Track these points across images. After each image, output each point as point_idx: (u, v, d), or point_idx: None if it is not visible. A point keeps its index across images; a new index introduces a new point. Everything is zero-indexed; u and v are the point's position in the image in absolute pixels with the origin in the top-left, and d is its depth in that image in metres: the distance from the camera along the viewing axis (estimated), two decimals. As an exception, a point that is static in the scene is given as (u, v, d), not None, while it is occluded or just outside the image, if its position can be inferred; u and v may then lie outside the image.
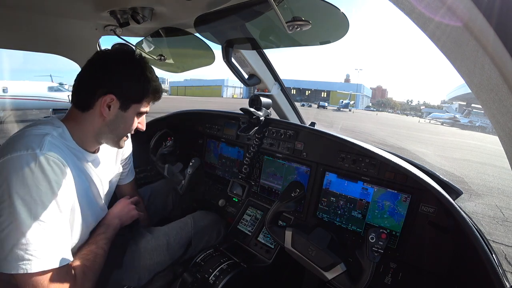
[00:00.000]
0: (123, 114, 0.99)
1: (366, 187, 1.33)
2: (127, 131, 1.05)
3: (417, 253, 1.19)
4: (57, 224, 0.80)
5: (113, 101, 0.94)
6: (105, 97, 0.93)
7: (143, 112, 1.05)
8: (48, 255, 0.77)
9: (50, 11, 1.16)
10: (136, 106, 1.00)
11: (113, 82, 0.94)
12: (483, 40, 0.41)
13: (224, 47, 1.31)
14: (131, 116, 1.01)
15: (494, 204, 5.43)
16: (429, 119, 49.83)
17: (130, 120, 1.02)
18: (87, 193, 1.00)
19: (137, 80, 0.98)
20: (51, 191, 0.79)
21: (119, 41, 1.44)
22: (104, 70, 0.94)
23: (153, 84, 1.01)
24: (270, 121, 1.66)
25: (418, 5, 0.45)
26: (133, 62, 0.98)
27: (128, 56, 0.99)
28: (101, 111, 0.94)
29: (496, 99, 0.47)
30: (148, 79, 1.00)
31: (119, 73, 0.95)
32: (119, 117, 0.98)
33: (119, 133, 1.03)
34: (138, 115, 1.04)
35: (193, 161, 1.60)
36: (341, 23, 0.92)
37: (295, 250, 1.12)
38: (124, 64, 0.97)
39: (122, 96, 0.95)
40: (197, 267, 1.32)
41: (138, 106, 1.01)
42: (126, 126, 1.03)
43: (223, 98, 67.93)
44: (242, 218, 1.70)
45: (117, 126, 1.00)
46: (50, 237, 0.78)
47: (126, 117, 1.00)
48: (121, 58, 0.98)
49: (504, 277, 0.80)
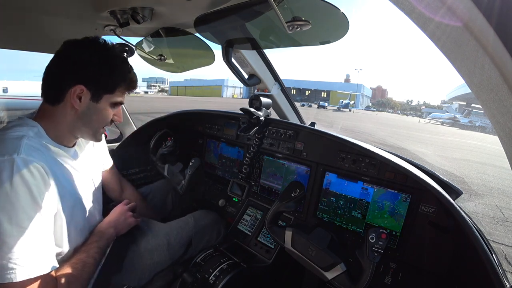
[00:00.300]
0: (96, 105, 0.95)
1: (366, 187, 1.33)
2: (102, 123, 1.01)
3: (417, 253, 1.19)
4: (39, 231, 0.78)
5: (84, 92, 0.91)
6: (74, 88, 0.89)
7: (118, 103, 1.02)
8: (32, 263, 0.75)
9: (50, 11, 1.16)
10: (109, 96, 0.97)
11: (82, 72, 0.90)
12: (483, 40, 0.41)
13: (224, 47, 1.31)
14: (105, 107, 0.98)
15: (494, 204, 5.43)
16: (429, 119, 49.83)
17: (104, 111, 0.98)
18: (73, 191, 0.97)
19: (108, 69, 0.94)
20: (31, 196, 0.76)
21: (119, 41, 1.44)
22: (72, 60, 0.90)
23: (126, 73, 0.99)
24: (270, 121, 1.66)
25: (418, 5, 0.45)
26: (103, 50, 0.95)
27: (98, 45, 0.95)
28: (72, 103, 0.90)
29: (496, 99, 0.47)
30: (120, 68, 0.97)
31: (88, 62, 0.91)
32: (92, 108, 0.95)
33: (93, 126, 0.99)
34: (113, 106, 1.00)
35: (193, 161, 1.60)
36: (341, 23, 0.92)
37: (295, 250, 1.12)
38: (94, 53, 0.93)
39: (93, 86, 0.92)
40: (197, 267, 1.32)
41: (111, 96, 0.97)
42: (100, 118, 0.99)
43: (223, 98, 67.94)
44: (242, 218, 1.70)
45: (91, 118, 0.96)
46: (33, 245, 0.76)
47: (99, 109, 0.96)
48: (90, 46, 0.94)
49: (504, 277, 0.80)
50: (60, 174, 0.90)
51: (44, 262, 0.79)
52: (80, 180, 1.02)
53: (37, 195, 0.78)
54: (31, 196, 0.77)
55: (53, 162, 0.89)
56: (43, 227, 0.80)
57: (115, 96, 0.99)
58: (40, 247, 0.78)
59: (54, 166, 0.87)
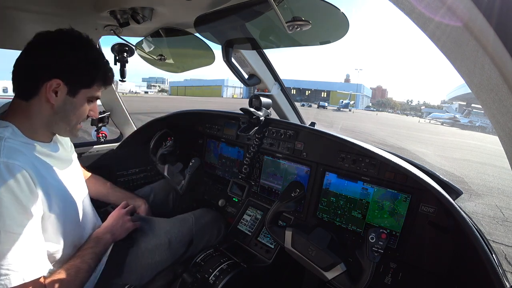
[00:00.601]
0: (72, 100, 0.92)
1: (366, 187, 1.33)
2: (78, 119, 0.98)
3: (417, 253, 1.19)
4: (29, 236, 0.77)
5: (60, 86, 0.88)
6: (50, 82, 0.86)
7: (95, 98, 1.00)
8: (23, 268, 0.74)
9: (50, 11, 1.16)
10: (86, 91, 0.94)
11: (59, 65, 0.87)
12: (483, 40, 0.41)
13: (224, 47, 1.31)
14: (81, 102, 0.95)
15: (494, 204, 5.43)
16: (429, 119, 49.83)
17: (80, 106, 0.96)
18: (61, 187, 0.95)
19: (86, 64, 0.92)
20: (17, 202, 0.75)
21: (119, 41, 1.44)
22: (48, 53, 0.87)
23: (103, 68, 0.97)
24: (270, 121, 1.66)
25: (418, 5, 0.45)
26: (81, 44, 0.92)
27: (75, 38, 0.92)
28: (48, 98, 0.87)
29: (496, 99, 0.47)
30: (97, 62, 0.95)
31: (65, 56, 0.88)
32: (68, 103, 0.92)
33: (70, 121, 0.96)
34: (89, 101, 0.99)
35: (193, 161, 1.60)
36: (341, 23, 0.92)
37: (295, 250, 1.12)
38: (71, 46, 0.90)
39: (70, 80, 0.89)
40: (197, 267, 1.32)
41: (89, 91, 0.95)
42: (77, 113, 0.96)
43: (223, 98, 67.96)
44: (242, 218, 1.70)
45: (67, 113, 0.93)
46: (23, 250, 0.75)
47: (76, 103, 0.94)
48: (68, 39, 0.91)
49: (504, 277, 0.80)
50: (44, 172, 0.89)
51: (36, 266, 0.78)
52: (65, 173, 1.00)
53: (23, 200, 0.77)
54: (17, 202, 0.75)
55: (36, 160, 0.88)
56: (32, 231, 0.79)
57: (92, 91, 0.97)
58: (31, 251, 0.78)
59: (37, 165, 0.86)
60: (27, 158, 0.83)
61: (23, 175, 0.79)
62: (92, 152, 1.95)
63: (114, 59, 1.48)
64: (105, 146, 2.02)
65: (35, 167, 0.84)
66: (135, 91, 59.75)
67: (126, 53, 1.48)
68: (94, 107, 1.03)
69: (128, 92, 50.45)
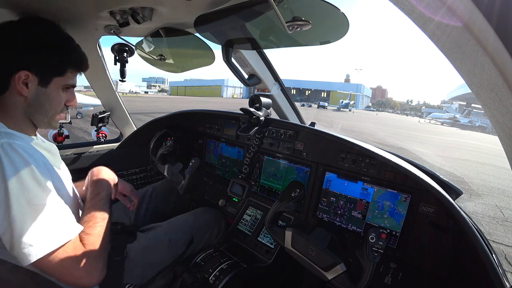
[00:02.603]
0: (45, 90, 0.88)
1: (366, 187, 1.33)
2: (56, 109, 0.94)
3: (417, 253, 1.19)
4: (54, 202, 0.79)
5: (29, 78, 0.85)
6: (18, 74, 0.83)
7: (71, 85, 0.95)
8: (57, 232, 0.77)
9: (50, 11, 1.16)
10: (58, 79, 0.90)
11: (24, 56, 0.84)
12: (483, 40, 0.41)
13: (224, 47, 1.31)
14: (56, 92, 0.91)
15: (494, 204, 5.43)
16: (429, 119, 49.84)
17: (55, 96, 0.91)
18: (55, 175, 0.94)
19: (54, 51, 0.87)
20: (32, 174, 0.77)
21: (119, 41, 1.44)
22: (12, 44, 0.84)
23: (74, 53, 0.92)
24: (270, 121, 1.66)
25: (418, 5, 0.45)
26: (44, 30, 0.88)
27: (38, 25, 0.88)
28: (19, 91, 0.84)
29: (496, 99, 0.47)
30: (65, 48, 0.90)
31: (29, 45, 0.84)
32: (41, 94, 0.88)
33: (47, 113, 0.92)
34: (65, 89, 0.94)
35: (193, 161, 1.60)
36: (341, 23, 0.92)
37: (295, 250, 1.12)
38: (34, 34, 0.85)
39: (39, 70, 0.86)
40: (197, 267, 1.32)
41: (62, 79, 0.91)
42: (53, 104, 0.92)
43: (223, 98, 67.96)
44: (242, 218, 1.70)
45: (42, 105, 0.90)
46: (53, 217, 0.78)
47: (49, 94, 0.90)
48: (30, 27, 0.87)
49: (504, 277, 0.80)
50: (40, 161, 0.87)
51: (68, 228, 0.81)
52: (56, 164, 0.99)
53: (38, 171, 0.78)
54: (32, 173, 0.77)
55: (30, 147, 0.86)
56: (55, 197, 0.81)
57: (66, 79, 0.92)
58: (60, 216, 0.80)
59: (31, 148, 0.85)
60: (24, 142, 0.84)
61: (29, 152, 0.80)
62: (92, 152, 1.95)
63: (114, 59, 1.48)
64: (105, 146, 2.02)
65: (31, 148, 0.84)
66: (135, 91, 59.76)
67: (126, 53, 1.48)
68: (72, 95, 0.98)
69: (128, 92, 50.48)
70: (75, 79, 0.97)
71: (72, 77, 0.95)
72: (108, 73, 1.79)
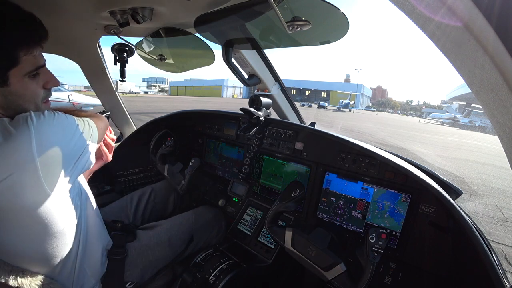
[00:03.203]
0: (9, 89, 0.74)
1: (366, 187, 1.33)
2: (33, 101, 0.80)
3: (417, 253, 1.19)
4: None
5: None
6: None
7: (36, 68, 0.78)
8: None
9: (50, 11, 1.15)
10: (16, 70, 0.73)
11: None
12: (483, 40, 0.41)
13: (224, 47, 1.31)
14: (22, 84, 0.76)
15: (494, 204, 5.42)
16: (429, 119, 49.82)
17: (23, 89, 0.76)
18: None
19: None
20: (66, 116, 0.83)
21: (119, 41, 1.44)
22: None
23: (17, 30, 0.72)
24: (270, 121, 1.66)
25: (418, 5, 0.45)
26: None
27: None
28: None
29: (496, 99, 0.47)
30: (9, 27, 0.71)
31: None
32: (8, 94, 0.74)
33: (29, 107, 0.79)
34: (32, 75, 0.78)
35: (193, 161, 1.61)
36: (341, 23, 0.92)
37: (295, 250, 1.12)
38: None
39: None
40: (197, 267, 1.32)
41: (21, 67, 0.74)
42: (26, 98, 0.78)
43: (223, 98, 67.96)
44: (242, 218, 1.70)
45: (16, 104, 0.77)
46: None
47: (15, 90, 0.75)
48: None
49: (504, 277, 0.80)
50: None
51: None
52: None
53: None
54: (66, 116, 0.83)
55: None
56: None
57: (26, 65, 0.75)
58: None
59: None
60: None
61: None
62: (92, 152, 1.94)
63: (114, 59, 1.48)
64: None
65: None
66: (135, 91, 59.74)
67: (126, 53, 1.48)
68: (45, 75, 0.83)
69: (128, 92, 50.47)
70: (39, 57, 0.79)
71: (31, 58, 0.77)
72: (108, 73, 1.79)
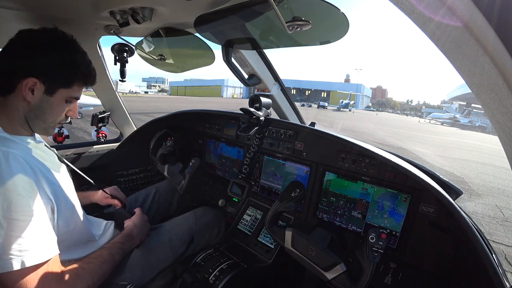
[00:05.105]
0: (49, 99, 0.90)
1: (366, 187, 1.33)
2: (55, 118, 0.96)
3: (417, 253, 1.19)
4: (39, 218, 0.78)
5: (36, 85, 0.87)
6: (26, 80, 0.85)
7: (74, 98, 0.97)
8: (36, 250, 0.76)
9: (50, 11, 1.16)
10: (64, 91, 0.92)
11: (37, 64, 0.86)
12: (483, 40, 0.40)
13: (224, 47, 1.31)
14: (59, 102, 0.93)
15: (494, 204, 5.42)
16: (429, 119, 49.81)
17: (57, 106, 0.93)
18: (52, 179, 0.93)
19: (65, 64, 0.90)
20: (23, 185, 0.77)
21: (119, 41, 1.44)
22: (26, 51, 0.87)
23: (83, 68, 0.94)
24: (270, 121, 1.66)
25: (418, 5, 0.45)
26: (60, 43, 0.91)
27: (57, 38, 0.91)
28: (24, 95, 0.86)
29: (496, 99, 0.47)
30: (77, 63, 0.92)
31: (43, 55, 0.87)
32: (45, 102, 0.90)
33: (46, 120, 0.94)
34: (68, 101, 0.96)
35: (193, 161, 1.60)
36: (341, 23, 0.92)
37: (295, 250, 1.12)
38: (52, 46, 0.89)
39: (47, 80, 0.88)
40: (197, 267, 1.32)
41: (67, 91, 0.93)
42: (54, 113, 0.94)
43: (223, 98, 67.97)
44: (242, 218, 1.70)
45: (43, 112, 0.92)
46: (35, 232, 0.76)
47: (52, 103, 0.92)
48: (49, 39, 0.89)
49: (504, 277, 0.80)
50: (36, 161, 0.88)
51: (47, 248, 0.80)
52: (53, 165, 0.99)
53: (27, 185, 0.78)
54: (23, 185, 0.77)
55: (26, 150, 0.88)
56: (42, 214, 0.80)
57: (72, 91, 0.94)
58: (41, 234, 0.79)
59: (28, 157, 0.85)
60: (18, 146, 0.84)
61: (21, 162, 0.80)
62: (92, 152, 1.95)
63: (114, 59, 1.48)
64: (105, 146, 2.02)
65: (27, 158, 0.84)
66: (135, 91, 59.79)
67: (126, 53, 1.48)
68: (74, 107, 1.01)
69: (128, 92, 50.50)
70: (80, 92, 0.99)
71: (78, 90, 0.97)
72: (108, 73, 1.79)
